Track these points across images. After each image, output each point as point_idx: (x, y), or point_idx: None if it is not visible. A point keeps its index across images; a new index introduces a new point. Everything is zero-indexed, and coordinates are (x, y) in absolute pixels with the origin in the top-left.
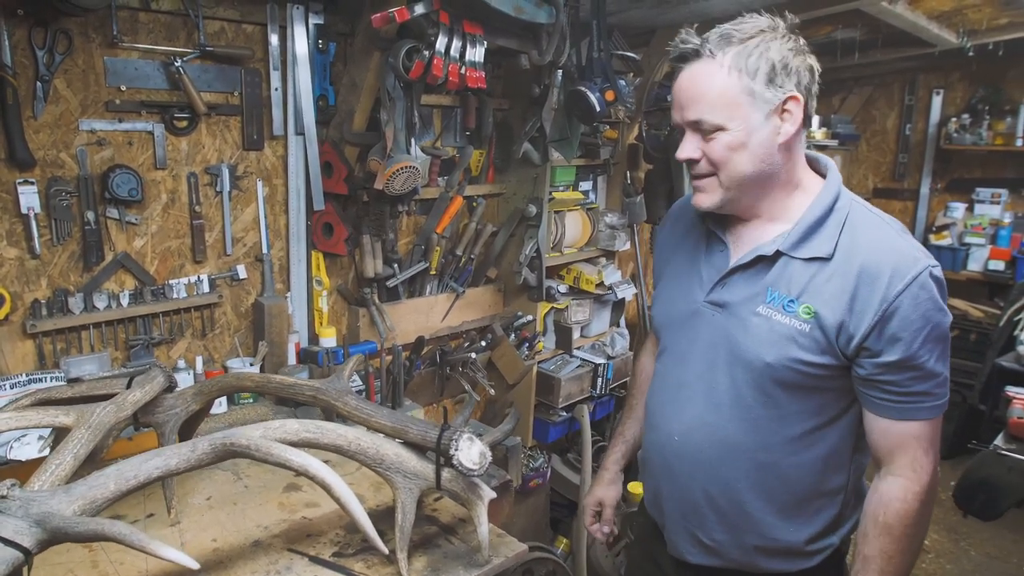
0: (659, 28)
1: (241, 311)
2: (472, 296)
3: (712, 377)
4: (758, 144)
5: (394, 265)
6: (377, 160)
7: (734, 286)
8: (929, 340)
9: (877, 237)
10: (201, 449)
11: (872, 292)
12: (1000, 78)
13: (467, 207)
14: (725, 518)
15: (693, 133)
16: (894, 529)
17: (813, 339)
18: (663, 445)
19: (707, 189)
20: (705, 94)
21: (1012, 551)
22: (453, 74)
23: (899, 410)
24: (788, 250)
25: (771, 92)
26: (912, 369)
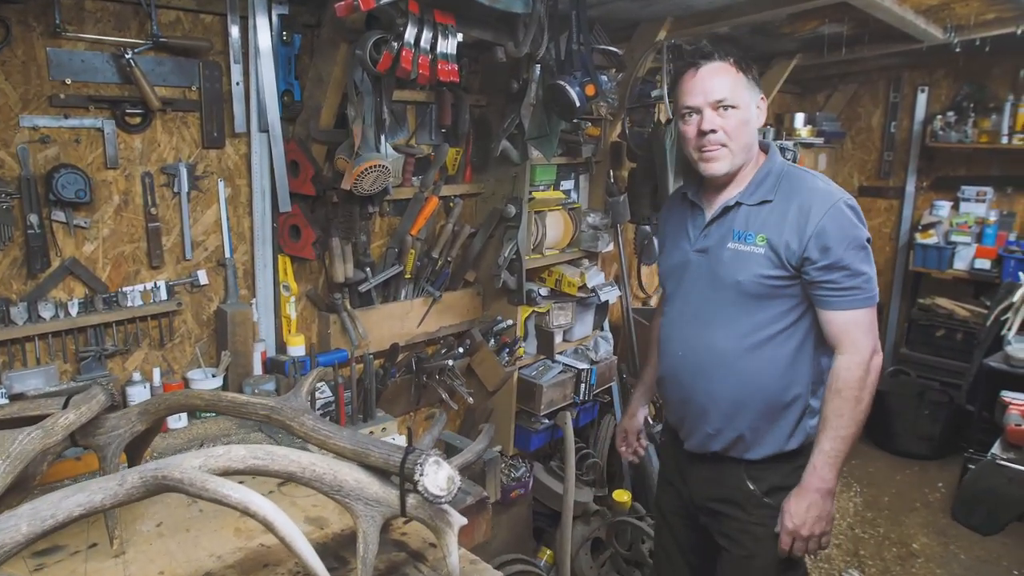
0: (642, 22)
1: (202, 319)
2: (449, 300)
3: (702, 303)
4: (752, 123)
5: (366, 269)
6: (345, 159)
7: (710, 235)
8: (851, 248)
9: (805, 183)
10: (130, 483)
11: (805, 218)
12: (984, 75)
13: (443, 208)
14: (720, 410)
15: (713, 111)
16: (842, 392)
17: (768, 258)
18: (672, 363)
19: (720, 157)
20: (727, 81)
21: (1002, 554)
22: (424, 67)
23: (838, 302)
24: (744, 199)
25: (756, 90)
26: (842, 270)
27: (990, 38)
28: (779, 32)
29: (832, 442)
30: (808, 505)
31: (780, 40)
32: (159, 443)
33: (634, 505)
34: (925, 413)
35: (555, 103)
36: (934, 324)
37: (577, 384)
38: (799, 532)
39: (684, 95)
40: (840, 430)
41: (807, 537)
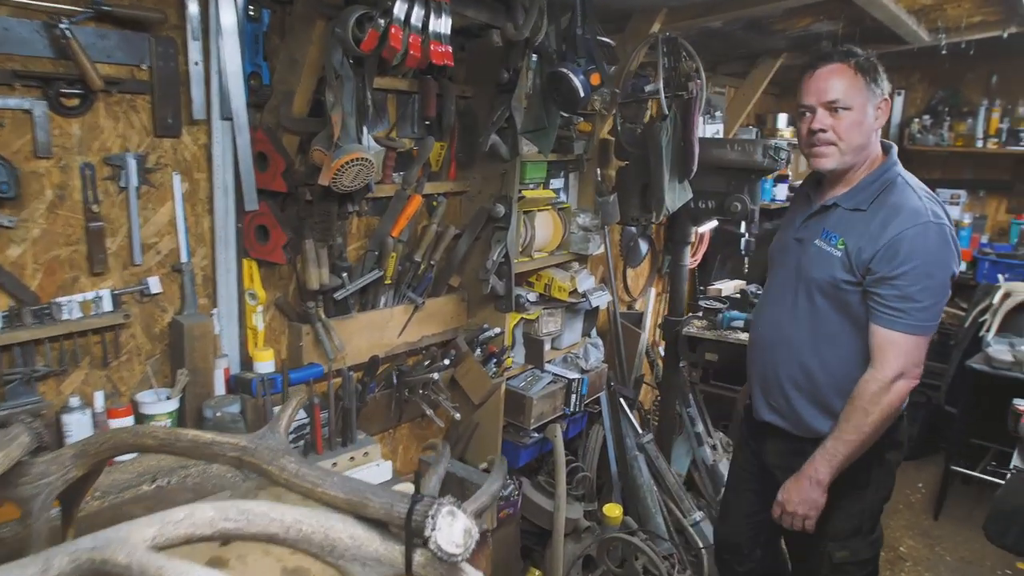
0: (635, 13)
1: (155, 333)
2: (432, 307)
3: (786, 288)
4: (867, 125)
5: (343, 274)
6: (322, 151)
7: (808, 227)
8: (913, 271)
9: (903, 198)
10: (57, 568)
11: (883, 230)
12: (959, 80)
13: (426, 207)
14: (783, 389)
15: (825, 111)
16: (855, 400)
17: (842, 262)
18: (754, 334)
19: (828, 154)
20: (842, 83)
21: (986, 554)
22: (415, 47)
23: (881, 318)
24: (841, 202)
25: (878, 91)
26: (894, 288)
27: (973, 42)
28: (772, 29)
29: (834, 441)
30: (798, 488)
31: (771, 37)
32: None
33: (625, 519)
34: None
35: (556, 93)
36: None
37: (567, 395)
38: (785, 507)
39: (801, 94)
40: (843, 433)
41: (792, 513)
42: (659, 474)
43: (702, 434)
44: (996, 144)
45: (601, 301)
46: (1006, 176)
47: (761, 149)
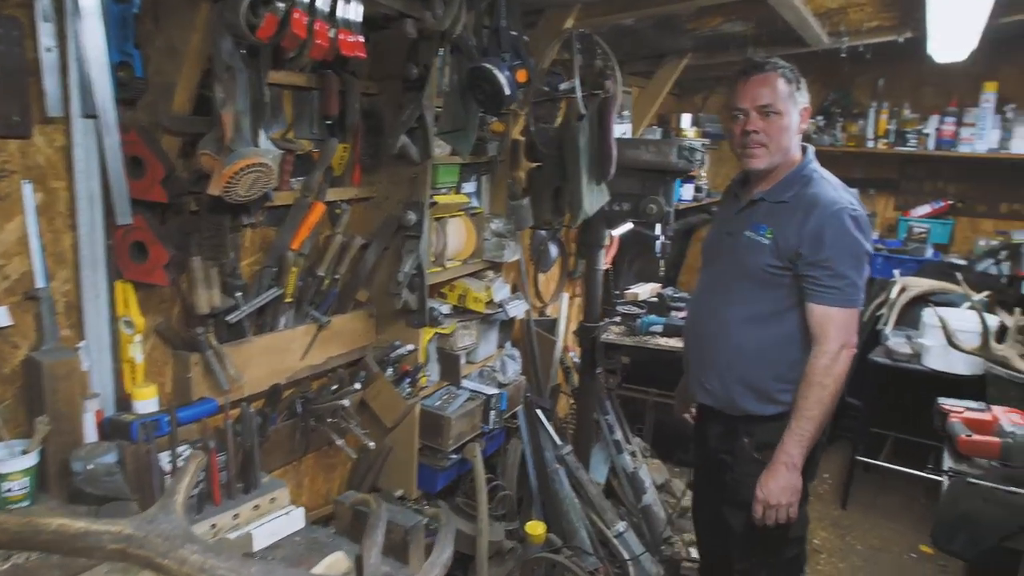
0: (548, 7)
1: (4, 374)
2: (339, 326)
3: (721, 278)
4: (792, 129)
5: (236, 294)
6: (211, 155)
7: (737, 222)
8: (841, 251)
9: (820, 190)
10: None
11: (806, 218)
12: (849, 83)
13: (329, 215)
14: (717, 371)
15: (757, 114)
16: (808, 376)
17: (771, 249)
18: (689, 323)
19: (760, 155)
20: (774, 90)
21: (893, 540)
22: (321, 36)
23: (817, 296)
24: (767, 197)
25: (799, 100)
26: (826, 268)
27: (870, 46)
28: (683, 28)
29: (798, 422)
30: (776, 478)
31: (681, 37)
32: None
33: (549, 537)
34: None
35: (478, 90)
36: None
37: (486, 411)
38: (768, 502)
39: (736, 97)
40: (806, 411)
41: (775, 506)
42: (580, 486)
43: (620, 441)
44: (885, 144)
45: (518, 311)
46: (894, 175)
47: (676, 150)
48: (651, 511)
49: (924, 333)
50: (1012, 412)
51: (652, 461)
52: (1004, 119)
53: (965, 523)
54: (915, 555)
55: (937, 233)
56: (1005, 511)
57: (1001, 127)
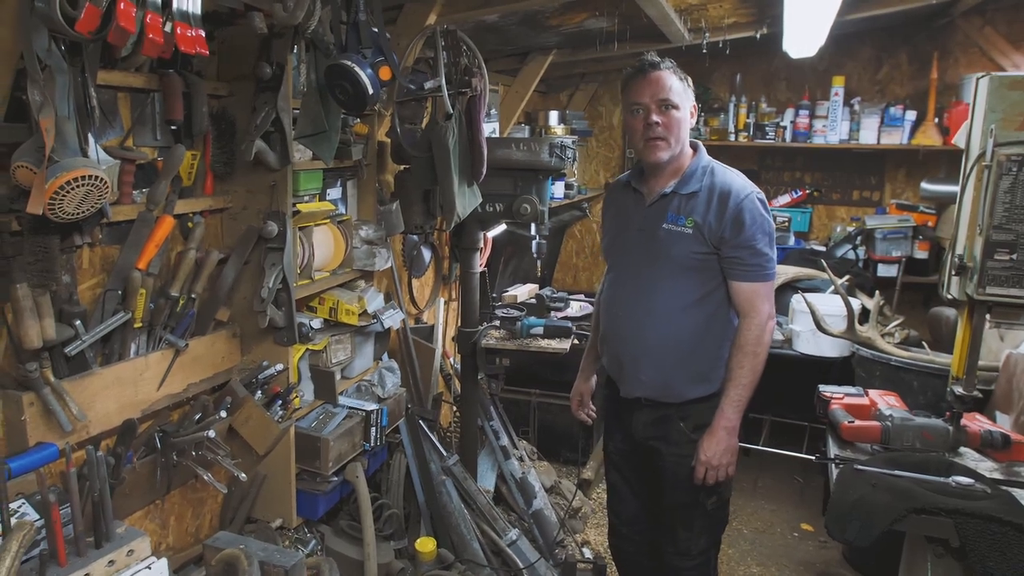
0: (408, 3)
1: None
2: (198, 349)
3: (641, 272)
4: (687, 123)
5: (75, 322)
6: (30, 167)
7: (649, 216)
8: (758, 231)
9: (727, 179)
10: None
11: (725, 205)
12: (707, 79)
13: (180, 229)
14: (653, 361)
15: (657, 108)
16: (743, 347)
17: (695, 237)
18: (614, 322)
19: (662, 147)
20: (672, 85)
21: (773, 521)
22: (154, 29)
23: (744, 274)
24: (678, 189)
25: (690, 96)
26: (748, 248)
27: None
28: (547, 24)
29: (736, 389)
30: (717, 441)
31: (545, 33)
32: None
33: (440, 552)
34: None
35: (338, 89)
36: None
37: (366, 428)
38: (711, 463)
39: (634, 93)
40: (741, 379)
41: (716, 466)
42: (469, 496)
43: (507, 446)
44: (746, 138)
45: (394, 321)
46: (754, 166)
47: (547, 148)
48: (542, 515)
49: (793, 319)
50: (887, 395)
51: (540, 463)
52: (852, 111)
53: (856, 511)
54: (797, 534)
55: (797, 222)
56: (893, 496)
57: (850, 119)
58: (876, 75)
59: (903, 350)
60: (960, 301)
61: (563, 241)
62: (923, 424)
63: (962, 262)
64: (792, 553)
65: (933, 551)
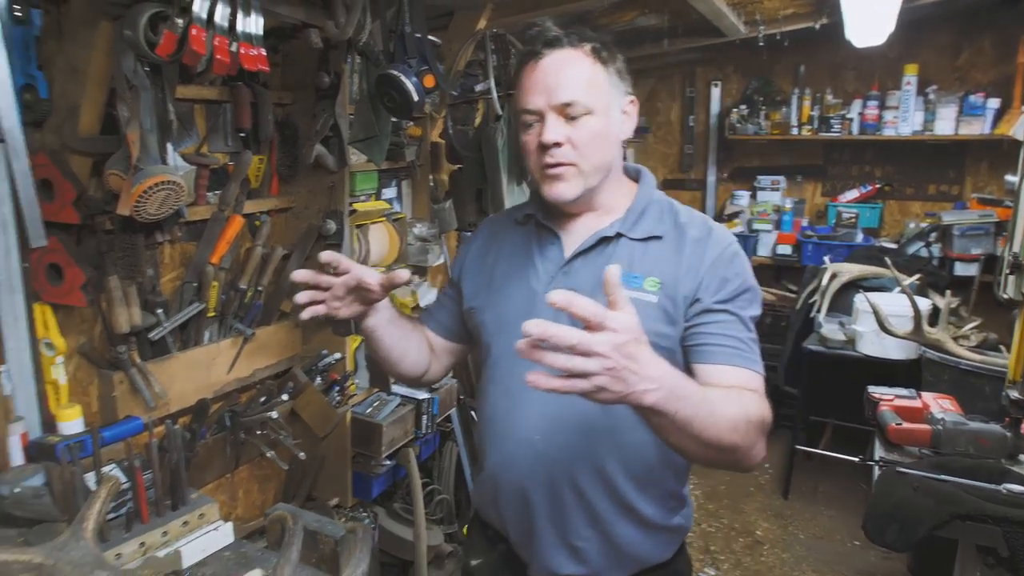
0: (459, 9)
1: None
2: (264, 337)
3: None
4: (612, 134)
5: (158, 311)
6: (119, 174)
7: (576, 273)
8: (744, 295)
9: (695, 218)
10: None
11: (704, 253)
12: (769, 71)
13: (248, 228)
14: (591, 510)
15: (557, 117)
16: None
17: (662, 308)
18: (521, 452)
19: (568, 178)
20: (579, 78)
21: (834, 528)
22: (221, 51)
23: (731, 354)
24: (626, 231)
25: (622, 88)
26: (736, 318)
27: (786, 33)
28: (597, 24)
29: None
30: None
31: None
32: None
33: None
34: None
35: (386, 97)
36: None
37: (418, 416)
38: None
39: (523, 95)
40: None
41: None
42: None
43: None
44: (809, 131)
45: None
46: (819, 161)
47: None
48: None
49: (857, 319)
50: (943, 398)
51: None
52: (927, 101)
53: (897, 514)
54: (858, 542)
55: (866, 217)
56: (936, 500)
57: (924, 109)
58: (955, 61)
59: (977, 353)
60: (1016, 301)
61: None
62: (978, 429)
63: (1017, 260)
64: (851, 562)
65: (984, 561)
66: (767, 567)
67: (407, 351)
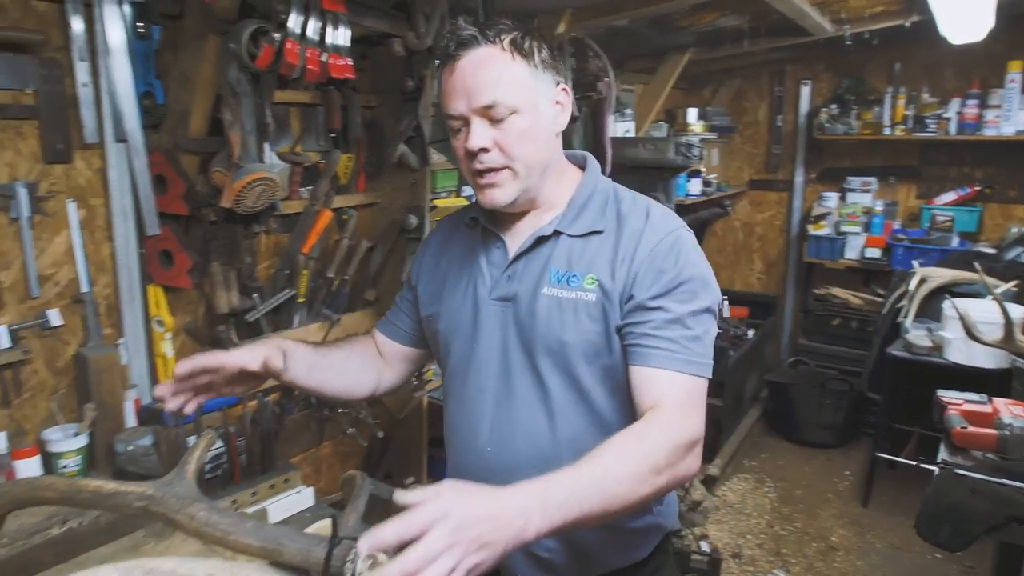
0: (539, 14)
1: (58, 367)
2: (349, 323)
3: (511, 374)
4: (544, 130)
5: (254, 295)
6: (222, 171)
7: (518, 276)
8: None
9: (638, 207)
10: None
11: (638, 244)
12: (861, 69)
13: (336, 221)
14: None
15: (481, 120)
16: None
17: (600, 307)
18: (474, 464)
19: (501, 183)
20: (498, 77)
21: (914, 540)
22: (312, 62)
23: (664, 356)
24: (564, 228)
25: (549, 79)
26: (663, 311)
27: (876, 31)
28: (677, 25)
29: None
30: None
31: (677, 34)
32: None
33: None
34: (827, 403)
35: None
36: (830, 313)
37: None
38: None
39: (445, 100)
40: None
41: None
42: None
43: None
44: (903, 131)
45: None
46: (914, 162)
47: (673, 147)
48: None
49: (945, 325)
50: (1016, 404)
51: None
52: None
53: (951, 515)
54: (939, 555)
55: (963, 221)
56: (992, 502)
57: None
58: None
59: None
60: None
61: (704, 239)
62: None
63: None
64: (930, 574)
65: None
66: (839, 573)
67: (343, 385)
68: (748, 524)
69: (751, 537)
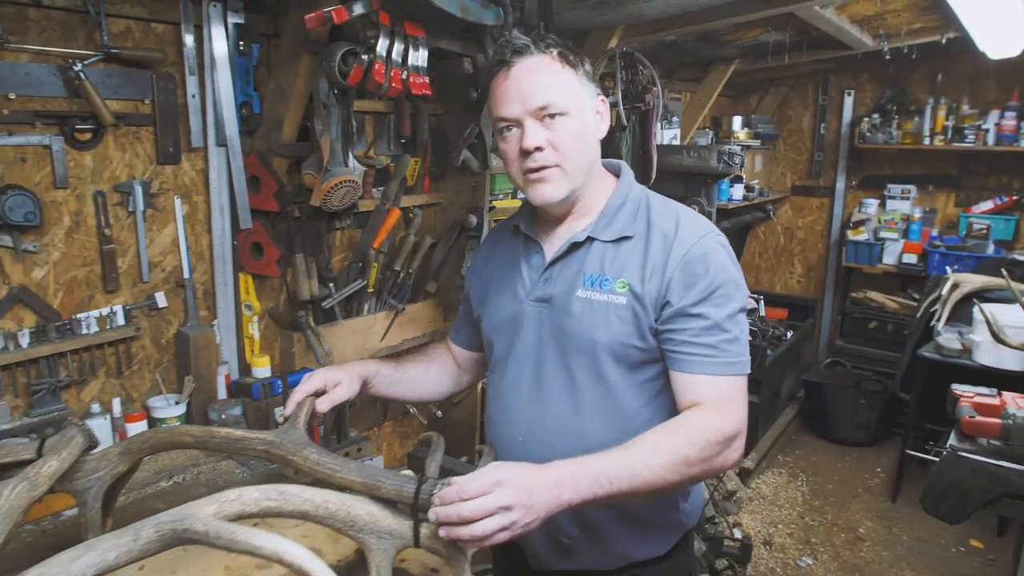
0: (593, 30)
1: (162, 343)
2: (412, 313)
3: (545, 370)
4: (590, 134)
5: (329, 285)
6: (312, 174)
7: (555, 279)
8: (722, 292)
9: (668, 214)
10: (145, 538)
11: (670, 251)
12: (905, 80)
13: (403, 219)
14: (577, 510)
15: (535, 122)
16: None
17: (631, 310)
18: (507, 452)
19: (552, 179)
20: (551, 82)
21: (940, 533)
22: (396, 80)
23: (703, 362)
24: (597, 234)
25: (592, 89)
26: (706, 320)
27: (916, 45)
28: (723, 40)
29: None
30: (531, 488)
31: (723, 47)
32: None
33: None
34: (861, 403)
35: None
36: (866, 317)
37: None
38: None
39: (497, 104)
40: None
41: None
42: None
43: None
44: (943, 141)
45: None
46: (953, 171)
47: (716, 155)
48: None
49: (974, 329)
50: (1022, 397)
51: None
52: None
53: (952, 491)
54: (964, 548)
55: (1000, 229)
56: (989, 480)
57: None
58: None
59: None
60: None
61: (746, 242)
62: None
63: None
64: (953, 566)
65: None
66: (865, 562)
67: (422, 394)
68: (780, 515)
69: (782, 527)
